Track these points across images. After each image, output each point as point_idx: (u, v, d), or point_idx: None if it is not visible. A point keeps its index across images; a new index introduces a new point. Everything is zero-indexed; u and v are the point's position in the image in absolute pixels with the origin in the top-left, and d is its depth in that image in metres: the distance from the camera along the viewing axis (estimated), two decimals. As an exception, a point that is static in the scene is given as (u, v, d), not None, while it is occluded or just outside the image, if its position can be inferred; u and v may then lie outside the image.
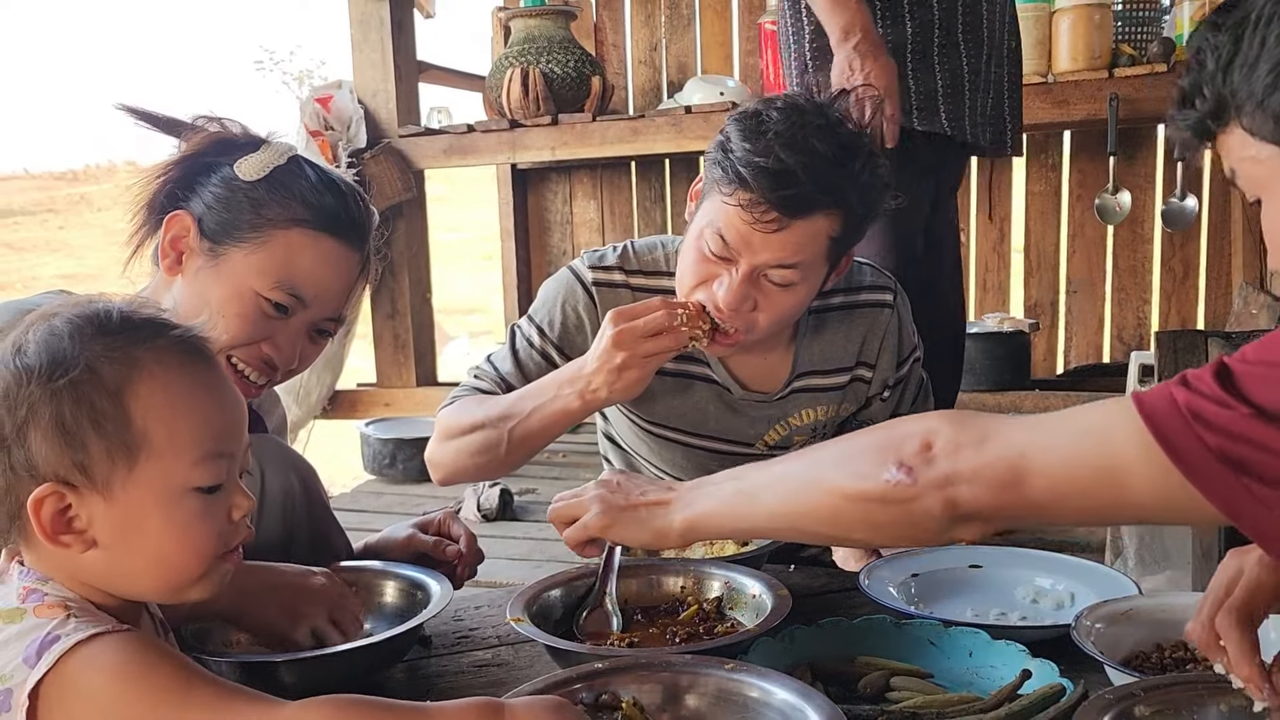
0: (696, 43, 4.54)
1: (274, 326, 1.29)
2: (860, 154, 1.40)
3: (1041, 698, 1.02)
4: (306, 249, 1.29)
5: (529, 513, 3.37)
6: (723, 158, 1.40)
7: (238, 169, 1.29)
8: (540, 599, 1.24)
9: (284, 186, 1.29)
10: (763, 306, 1.45)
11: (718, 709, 0.97)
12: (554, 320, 1.62)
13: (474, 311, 9.09)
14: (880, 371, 1.67)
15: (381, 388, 4.31)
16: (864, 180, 1.40)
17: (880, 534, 1.04)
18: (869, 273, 1.69)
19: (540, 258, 4.78)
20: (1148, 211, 3.99)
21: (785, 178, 1.35)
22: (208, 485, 0.85)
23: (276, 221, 1.28)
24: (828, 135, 1.38)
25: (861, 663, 1.16)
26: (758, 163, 1.36)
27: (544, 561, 2.84)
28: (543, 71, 3.87)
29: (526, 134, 3.90)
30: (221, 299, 1.26)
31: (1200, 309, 4.06)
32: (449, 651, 1.30)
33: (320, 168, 1.35)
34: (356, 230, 1.33)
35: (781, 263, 1.41)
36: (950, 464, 0.91)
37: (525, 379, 1.60)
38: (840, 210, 1.40)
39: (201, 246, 1.29)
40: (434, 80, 4.48)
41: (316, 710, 0.80)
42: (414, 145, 4.03)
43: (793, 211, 1.37)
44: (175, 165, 1.31)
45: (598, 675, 0.99)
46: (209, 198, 1.29)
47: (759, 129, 1.38)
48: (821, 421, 1.69)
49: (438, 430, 1.60)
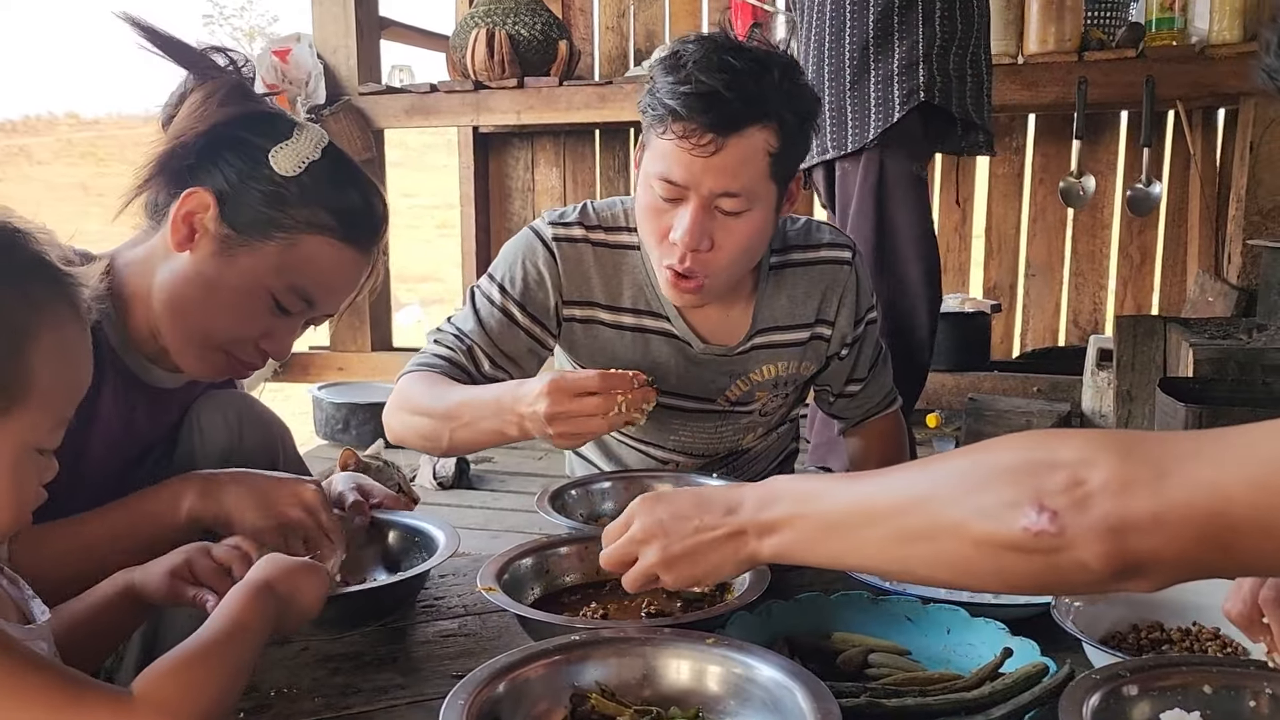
0: (665, 10, 4.48)
1: (276, 322, 1.25)
2: (776, 65, 1.43)
3: (1024, 676, 1.00)
4: (327, 258, 1.24)
5: (485, 482, 3.33)
6: (650, 100, 1.43)
7: (273, 160, 1.21)
8: (511, 568, 1.21)
9: (316, 189, 1.22)
10: (720, 242, 1.45)
11: (700, 686, 0.94)
12: (514, 277, 1.60)
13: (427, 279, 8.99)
14: (839, 329, 1.67)
15: (336, 351, 4.23)
16: (786, 88, 1.43)
17: (1018, 589, 0.87)
18: (828, 232, 1.70)
19: (500, 225, 4.71)
20: (1108, 197, 4.02)
21: (710, 98, 1.37)
22: (52, 448, 0.83)
23: (300, 225, 1.21)
24: (742, 54, 1.40)
25: (839, 639, 1.14)
26: (682, 91, 1.38)
27: (502, 531, 2.80)
28: (509, 33, 3.79)
29: (491, 96, 3.82)
30: (233, 291, 1.21)
31: (1155, 295, 4.11)
32: (415, 621, 1.26)
33: (349, 163, 1.29)
34: (374, 237, 1.30)
35: (728, 189, 1.42)
36: (1117, 507, 0.72)
37: (488, 337, 1.59)
38: (772, 122, 1.42)
39: (219, 230, 1.20)
40: (396, 38, 4.37)
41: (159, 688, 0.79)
42: (375, 104, 3.94)
43: (725, 128, 1.39)
44: (202, 132, 1.21)
45: (574, 649, 0.96)
46: (234, 178, 1.21)
47: (677, 62, 1.41)
48: (783, 377, 1.68)
49: (395, 395, 1.58)
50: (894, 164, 2.49)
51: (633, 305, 1.60)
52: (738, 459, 1.78)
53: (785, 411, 1.79)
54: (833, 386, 1.76)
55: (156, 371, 1.29)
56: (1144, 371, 2.95)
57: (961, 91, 2.51)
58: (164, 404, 1.33)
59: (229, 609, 0.90)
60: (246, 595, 0.92)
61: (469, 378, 1.59)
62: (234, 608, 0.90)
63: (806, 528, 0.90)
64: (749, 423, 1.73)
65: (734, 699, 0.92)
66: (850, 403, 1.79)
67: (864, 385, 1.77)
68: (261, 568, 0.97)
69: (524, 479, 3.35)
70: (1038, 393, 3.42)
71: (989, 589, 0.97)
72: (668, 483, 1.52)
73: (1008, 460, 0.79)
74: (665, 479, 1.55)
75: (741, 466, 1.79)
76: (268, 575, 0.95)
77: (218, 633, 0.87)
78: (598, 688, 0.94)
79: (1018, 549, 0.75)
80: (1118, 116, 3.95)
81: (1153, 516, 0.71)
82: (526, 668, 0.92)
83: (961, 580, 0.85)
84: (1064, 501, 0.73)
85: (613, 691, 0.94)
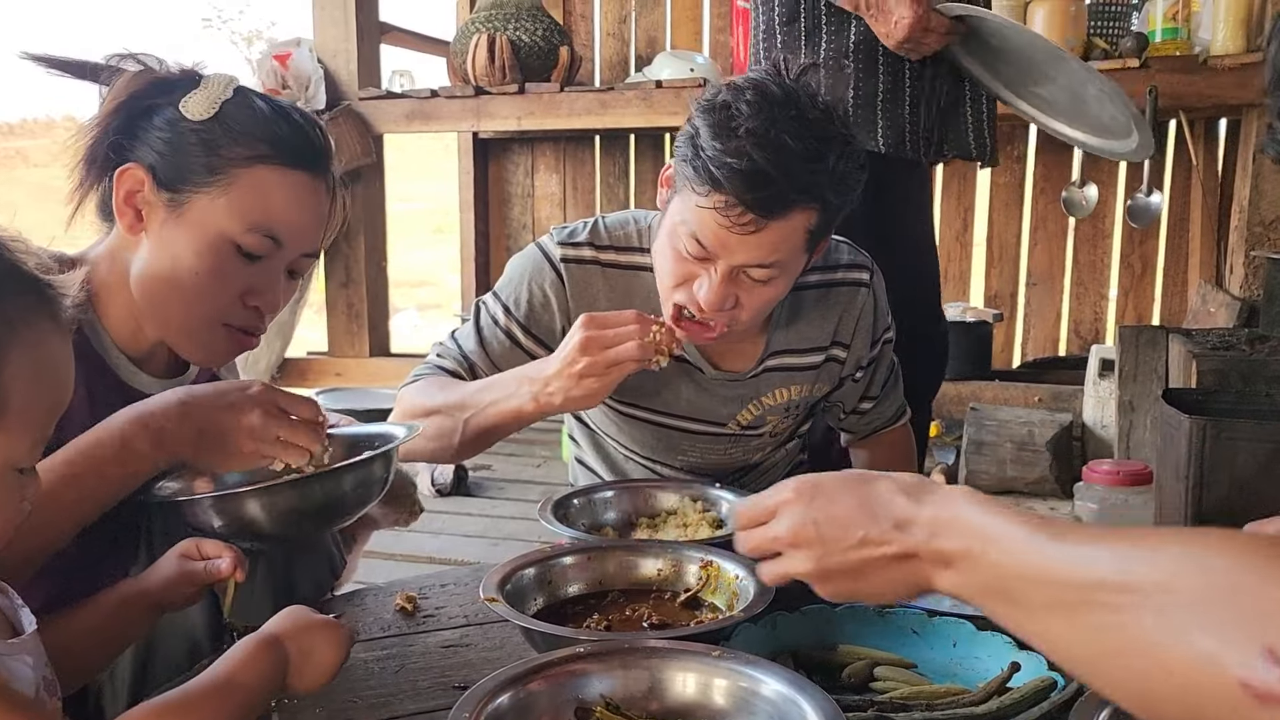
0: (667, 17, 4.48)
1: (252, 274, 1.21)
2: (834, 144, 1.34)
3: (1033, 691, 0.99)
4: (275, 186, 1.19)
5: (484, 489, 3.32)
6: (694, 156, 1.34)
7: (183, 108, 1.17)
8: (514, 578, 1.19)
9: (237, 122, 1.18)
10: (744, 302, 1.42)
11: (706, 699, 0.93)
12: (520, 299, 1.57)
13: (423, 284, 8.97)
14: (855, 352, 1.65)
15: (333, 357, 4.22)
16: (839, 171, 1.36)
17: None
18: (846, 251, 1.65)
19: (499, 230, 4.71)
20: (1109, 207, 4.02)
21: (760, 179, 1.29)
22: (30, 466, 0.80)
23: (237, 160, 1.17)
24: (800, 128, 1.31)
25: (844, 651, 1.13)
26: (730, 164, 1.29)
27: (501, 539, 2.79)
28: (510, 39, 3.79)
29: (492, 102, 3.82)
30: (194, 252, 1.17)
31: (1157, 306, 4.11)
32: (415, 631, 1.25)
33: (267, 97, 1.25)
34: (320, 158, 1.24)
35: (760, 262, 1.37)
36: None
37: (489, 358, 1.56)
38: (817, 205, 1.36)
39: (160, 198, 1.18)
40: (396, 42, 4.37)
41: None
42: (375, 108, 3.93)
43: (769, 212, 1.32)
44: (113, 113, 1.20)
45: (579, 661, 0.95)
46: (158, 144, 1.18)
47: (729, 126, 1.31)
48: (795, 401, 1.66)
49: (398, 408, 1.56)
50: None
51: None
52: (746, 474, 1.77)
53: (794, 429, 1.78)
54: (845, 404, 1.74)
55: (142, 376, 1.26)
56: (1146, 382, 2.94)
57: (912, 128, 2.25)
58: None
59: (226, 662, 0.87)
60: (248, 649, 0.88)
61: None
62: (231, 661, 0.87)
63: (981, 573, 0.76)
64: (759, 444, 1.71)
65: (740, 713, 0.91)
66: (861, 419, 1.77)
67: (876, 403, 1.75)
68: (278, 621, 0.93)
69: (522, 486, 3.34)
70: (1039, 402, 3.41)
71: None
72: (673, 493, 1.51)
73: (1237, 577, 0.59)
74: (670, 488, 1.53)
75: (750, 481, 1.77)
76: (280, 630, 0.92)
77: (207, 686, 0.84)
78: (602, 701, 0.93)
79: (1226, 702, 0.57)
80: (1119, 126, 3.95)
81: None
82: (532, 680, 0.91)
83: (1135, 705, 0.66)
84: None
85: (618, 705, 0.93)
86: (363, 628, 1.26)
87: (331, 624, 0.95)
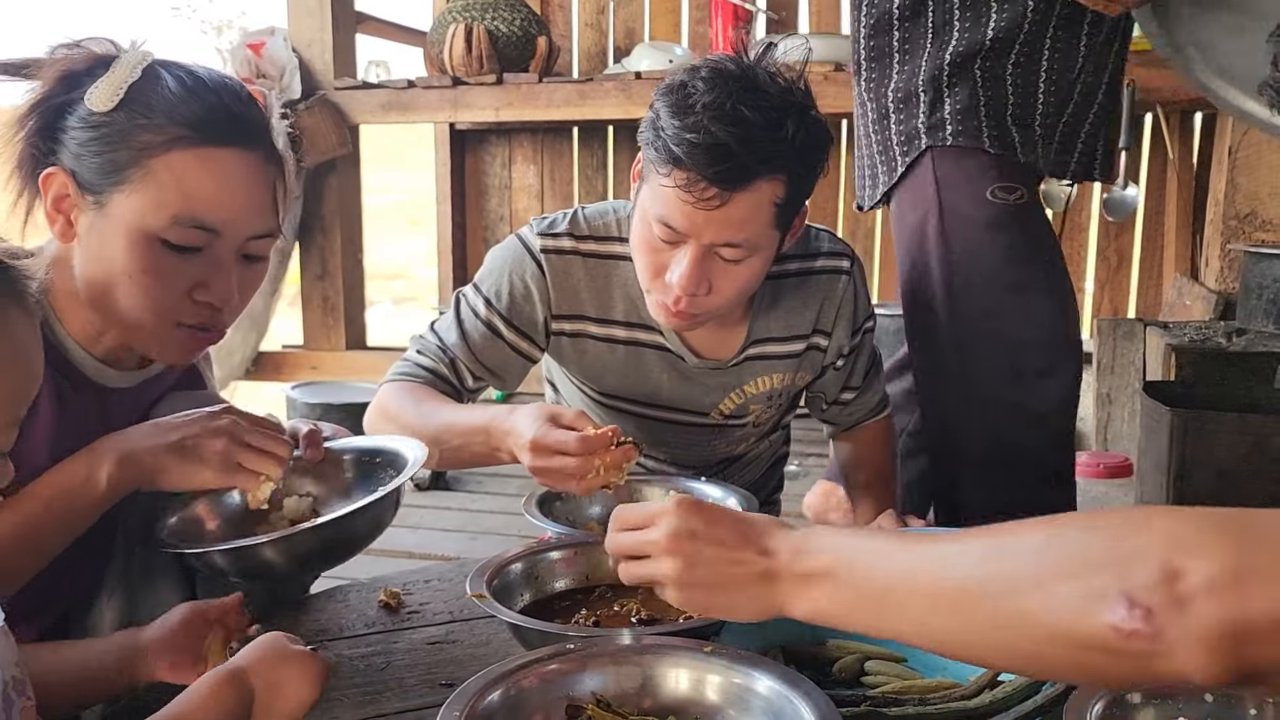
0: (645, 8, 4.45)
1: (195, 267, 1.13)
2: (792, 113, 1.34)
3: (1025, 684, 0.99)
4: (192, 169, 1.10)
5: (462, 483, 3.29)
6: (654, 137, 1.34)
7: (88, 101, 1.09)
8: (501, 574, 1.18)
9: (145, 106, 1.10)
10: (718, 286, 1.41)
11: (699, 695, 0.92)
12: (501, 291, 1.56)
13: (397, 277, 8.90)
14: (836, 340, 1.64)
15: (309, 350, 4.18)
16: (800, 140, 1.34)
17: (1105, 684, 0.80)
18: (826, 239, 1.65)
19: (476, 222, 4.67)
20: (1086, 200, 4.04)
21: (719, 151, 1.29)
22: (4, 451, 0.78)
23: (150, 149, 1.09)
24: (757, 100, 1.31)
25: (833, 646, 1.13)
26: (689, 139, 1.29)
27: (480, 533, 2.77)
28: (488, 29, 3.76)
29: (469, 92, 3.79)
30: (122, 255, 1.10)
31: (1132, 299, 4.14)
32: (399, 628, 1.23)
33: (183, 68, 1.15)
34: (245, 129, 1.14)
35: (729, 240, 1.36)
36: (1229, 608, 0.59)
37: (470, 351, 1.55)
38: (781, 175, 1.35)
39: (85, 201, 1.12)
40: (372, 32, 4.32)
41: None
42: (350, 99, 3.89)
43: (732, 184, 1.31)
44: (29, 115, 1.13)
45: (569, 657, 0.93)
46: (73, 145, 1.11)
47: (687, 103, 1.31)
48: (776, 390, 1.65)
49: (377, 405, 1.53)
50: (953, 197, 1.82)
51: (625, 319, 1.56)
52: (729, 466, 1.76)
53: (778, 419, 1.77)
54: (827, 395, 1.74)
55: (109, 372, 1.22)
56: (1123, 374, 2.96)
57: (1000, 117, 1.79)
58: (119, 405, 1.25)
59: (181, 700, 0.83)
60: (209, 684, 0.84)
61: (451, 389, 1.56)
62: (187, 699, 0.83)
63: (846, 591, 0.81)
64: (742, 435, 1.71)
65: (734, 709, 0.90)
66: (843, 410, 1.77)
67: (858, 394, 1.75)
68: (247, 653, 0.89)
69: (501, 480, 3.32)
70: (1016, 395, 3.42)
71: (1066, 680, 0.87)
72: (657, 488, 1.50)
73: (1091, 542, 0.67)
74: (654, 483, 1.52)
75: (734, 473, 1.77)
76: (248, 663, 0.88)
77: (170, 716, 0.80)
78: (593, 698, 0.92)
79: (1102, 649, 0.64)
80: (1095, 120, 3.97)
81: (1273, 619, 0.58)
82: (522, 677, 0.90)
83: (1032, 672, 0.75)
84: (1159, 598, 0.61)
85: (609, 702, 0.92)
86: (346, 624, 1.24)
87: (306, 656, 0.90)
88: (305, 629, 1.23)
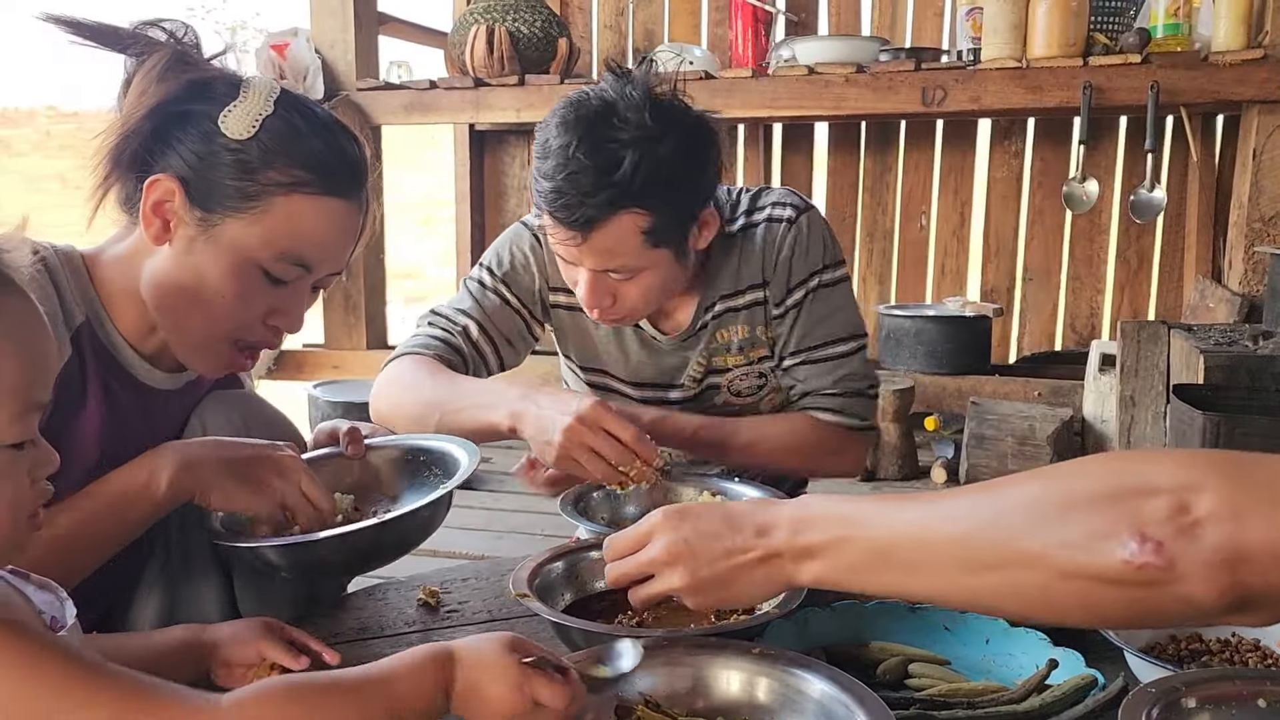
0: (665, 9, 4.46)
1: (277, 296, 1.18)
2: (638, 145, 1.36)
3: (1074, 688, 0.99)
4: (309, 215, 1.15)
5: (483, 481, 3.30)
6: None
7: (223, 125, 1.12)
8: (543, 573, 1.18)
9: (276, 143, 1.13)
10: (623, 297, 1.49)
11: (750, 697, 0.92)
12: (502, 259, 1.68)
13: (408, 277, 8.92)
14: (775, 287, 1.62)
15: (330, 349, 4.19)
16: (644, 172, 1.36)
17: (1110, 621, 0.84)
18: (777, 193, 1.65)
19: (495, 222, 4.68)
20: (1106, 201, 4.02)
21: (561, 200, 1.38)
22: (18, 441, 0.74)
23: (273, 187, 1.13)
24: (602, 140, 1.36)
25: (876, 648, 1.12)
26: (542, 187, 1.40)
27: (505, 532, 2.78)
28: (509, 30, 3.76)
29: (491, 93, 3.79)
30: (219, 275, 1.14)
31: (1152, 301, 4.12)
32: (439, 626, 1.24)
33: (307, 108, 1.20)
34: (357, 181, 1.21)
35: (606, 267, 1.44)
36: (1230, 536, 0.66)
37: (485, 313, 1.65)
38: (632, 208, 1.39)
39: (191, 215, 1.14)
40: (394, 33, 4.33)
41: (255, 705, 0.69)
42: (373, 100, 3.89)
43: (583, 226, 1.39)
44: (146, 115, 1.14)
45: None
46: (191, 158, 1.13)
47: (544, 148, 1.41)
48: (745, 340, 1.66)
49: (383, 378, 1.60)
50: None
51: None
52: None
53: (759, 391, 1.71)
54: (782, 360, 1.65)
55: (156, 373, 1.24)
56: (1147, 377, 2.94)
57: None
58: (164, 406, 1.27)
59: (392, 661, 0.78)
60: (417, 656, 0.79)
61: (462, 358, 1.61)
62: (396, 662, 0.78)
63: (852, 554, 0.84)
64: (724, 401, 1.70)
65: (786, 711, 0.90)
66: (787, 380, 1.67)
67: (801, 363, 1.62)
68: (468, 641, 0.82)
69: (523, 479, 3.32)
70: (1039, 397, 3.41)
71: (1069, 622, 0.90)
72: (690, 488, 1.50)
73: (1093, 486, 0.73)
74: (688, 482, 1.52)
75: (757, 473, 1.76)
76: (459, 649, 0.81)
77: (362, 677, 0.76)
78: (642, 699, 0.92)
79: (1115, 582, 0.70)
80: (1117, 121, 3.96)
81: (1269, 547, 0.65)
82: (573, 678, 0.90)
83: (1038, 613, 0.80)
84: (1169, 530, 0.67)
85: (658, 703, 0.92)
86: (387, 622, 1.25)
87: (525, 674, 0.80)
88: (346, 627, 1.24)
